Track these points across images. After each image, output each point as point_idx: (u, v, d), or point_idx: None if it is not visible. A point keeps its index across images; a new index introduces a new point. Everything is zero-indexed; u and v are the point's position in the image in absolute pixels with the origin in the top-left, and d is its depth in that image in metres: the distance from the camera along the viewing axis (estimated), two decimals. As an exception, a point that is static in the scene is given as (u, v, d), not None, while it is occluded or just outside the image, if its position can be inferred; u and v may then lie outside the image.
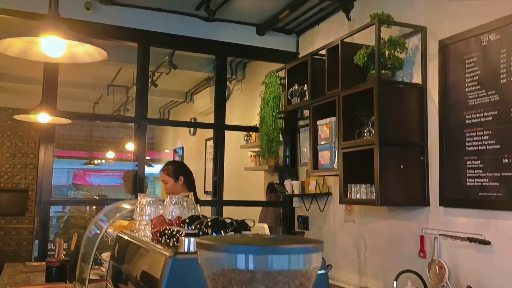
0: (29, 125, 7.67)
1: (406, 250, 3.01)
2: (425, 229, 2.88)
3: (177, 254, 1.29)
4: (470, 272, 2.58)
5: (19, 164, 7.61)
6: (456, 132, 2.71)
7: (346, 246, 3.60)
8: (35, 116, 2.70)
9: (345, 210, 3.64)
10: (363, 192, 2.99)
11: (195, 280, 1.30)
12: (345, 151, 3.10)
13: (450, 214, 2.74)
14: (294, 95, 3.79)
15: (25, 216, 7.47)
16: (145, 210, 1.80)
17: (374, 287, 3.28)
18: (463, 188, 2.65)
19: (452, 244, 2.69)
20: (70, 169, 8.67)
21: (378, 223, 3.30)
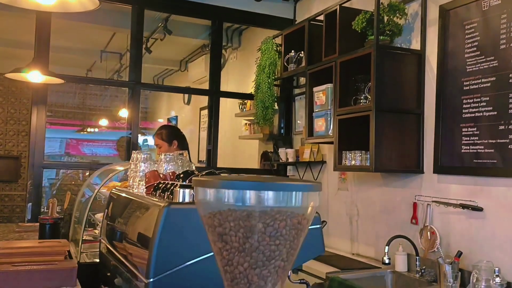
0: (21, 92, 7.57)
1: (399, 217, 3.04)
2: (418, 196, 2.89)
3: (171, 204, 1.27)
4: (461, 238, 2.60)
5: (11, 131, 7.53)
6: (453, 99, 2.69)
7: (339, 214, 3.63)
8: (27, 74, 2.64)
9: (338, 178, 3.65)
10: (358, 159, 2.99)
11: (190, 230, 1.29)
12: (341, 117, 3.08)
13: (444, 181, 2.75)
14: (290, 62, 3.74)
15: (18, 183, 7.44)
16: (140, 166, 1.77)
17: (366, 254, 3.32)
18: (458, 155, 2.65)
19: (445, 210, 2.71)
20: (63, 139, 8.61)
21: (371, 191, 3.31)
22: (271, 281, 0.80)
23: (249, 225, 0.77)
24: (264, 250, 0.78)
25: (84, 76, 5.68)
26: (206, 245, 1.30)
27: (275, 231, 0.77)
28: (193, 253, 1.28)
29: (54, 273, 1.59)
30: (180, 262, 1.27)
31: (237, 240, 0.78)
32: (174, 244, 1.27)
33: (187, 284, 1.28)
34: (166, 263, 1.25)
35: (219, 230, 0.79)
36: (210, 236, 0.81)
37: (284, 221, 0.78)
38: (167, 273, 1.25)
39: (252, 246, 0.77)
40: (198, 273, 1.28)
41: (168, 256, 1.26)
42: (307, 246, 1.45)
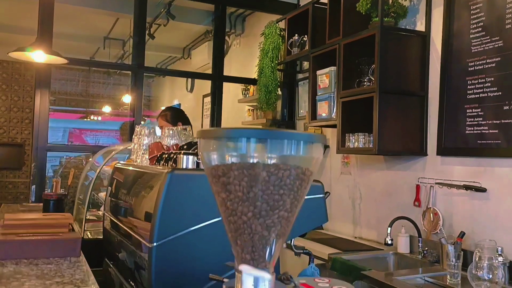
0: (24, 79, 7.58)
1: (401, 200, 3.04)
2: (421, 179, 2.89)
3: (175, 170, 1.28)
4: (464, 219, 2.60)
5: (15, 118, 7.55)
6: (457, 80, 2.68)
7: (341, 197, 3.63)
8: (30, 54, 2.64)
9: (341, 162, 3.65)
10: (361, 141, 2.98)
11: (193, 196, 1.30)
12: (344, 100, 3.07)
13: (447, 163, 2.74)
14: (294, 46, 3.73)
15: (21, 170, 7.48)
16: (143, 140, 1.78)
17: (368, 237, 3.32)
18: (461, 137, 2.64)
19: (448, 192, 2.71)
20: (66, 128, 8.63)
21: (374, 174, 3.31)
22: (275, 231, 0.80)
23: (253, 173, 0.77)
24: (267, 200, 0.78)
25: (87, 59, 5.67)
26: (209, 212, 1.31)
27: (278, 180, 0.77)
28: (196, 219, 1.29)
29: (59, 243, 1.60)
30: (183, 227, 1.27)
31: (241, 190, 0.78)
32: (178, 209, 1.27)
33: (190, 250, 1.28)
34: (170, 228, 1.26)
35: (223, 180, 0.79)
36: (214, 187, 0.82)
37: (288, 170, 0.78)
38: (171, 238, 1.25)
39: (256, 195, 0.77)
40: (200, 239, 1.29)
41: (172, 221, 1.26)
42: (311, 215, 1.46)
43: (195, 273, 1.22)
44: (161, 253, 1.25)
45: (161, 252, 1.25)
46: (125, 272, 1.71)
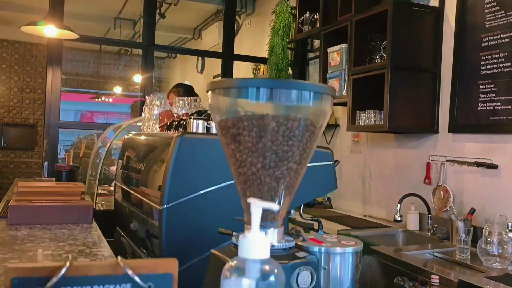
0: (36, 60, 7.63)
1: (411, 178, 3.03)
2: (432, 156, 2.87)
3: (185, 134, 1.28)
4: (474, 196, 2.59)
5: (27, 99, 7.62)
6: (471, 56, 2.64)
7: (351, 176, 3.63)
8: (42, 28, 2.65)
9: (352, 141, 3.64)
10: (372, 118, 2.97)
11: (203, 160, 1.30)
12: (355, 77, 3.05)
13: (459, 140, 2.72)
14: (305, 24, 3.70)
15: (34, 150, 7.57)
16: (154, 109, 1.79)
17: (378, 215, 3.32)
18: (474, 113, 2.61)
19: (459, 169, 2.69)
20: (78, 111, 8.70)
21: (384, 153, 3.30)
22: (284, 183, 0.81)
23: (262, 124, 0.77)
24: (277, 150, 0.78)
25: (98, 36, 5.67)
26: (218, 176, 1.32)
27: (288, 131, 0.78)
28: (206, 182, 1.30)
29: (71, 209, 1.63)
30: (193, 190, 1.28)
31: (250, 140, 0.78)
32: (187, 173, 1.28)
33: (199, 213, 1.30)
34: (180, 191, 1.27)
35: (233, 131, 0.79)
36: (224, 139, 0.82)
37: (297, 121, 0.78)
38: (181, 201, 1.27)
39: (265, 146, 0.78)
40: (210, 203, 1.30)
41: (182, 184, 1.27)
42: (320, 182, 1.46)
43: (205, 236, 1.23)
44: (171, 216, 1.27)
45: (171, 214, 1.26)
46: (137, 241, 1.73)
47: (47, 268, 0.40)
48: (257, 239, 0.52)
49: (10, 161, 7.50)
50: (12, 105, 7.57)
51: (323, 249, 0.84)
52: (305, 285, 0.80)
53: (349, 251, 0.86)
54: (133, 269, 0.42)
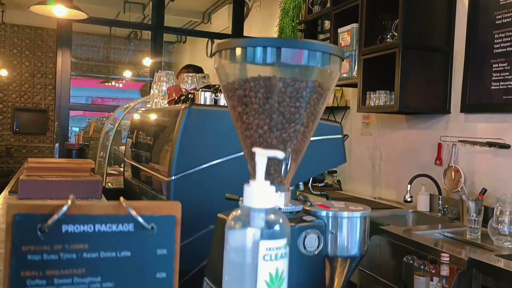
0: (47, 45, 7.65)
1: (422, 159, 3.00)
2: (443, 137, 2.84)
3: (193, 105, 1.28)
4: (486, 176, 2.56)
5: (38, 84, 7.67)
6: (484, 34, 2.59)
7: (361, 159, 3.60)
8: (51, 8, 2.64)
9: (362, 123, 3.61)
10: (382, 99, 2.93)
11: (210, 132, 1.30)
12: (366, 57, 3.01)
13: (471, 120, 2.68)
14: (315, 4, 3.65)
15: (46, 135, 7.64)
16: (162, 86, 1.78)
17: (388, 197, 3.31)
18: (486, 93, 2.57)
19: (471, 150, 2.66)
20: (88, 97, 8.75)
21: (395, 134, 3.27)
22: (291, 145, 0.80)
23: (269, 84, 0.76)
24: (284, 112, 0.77)
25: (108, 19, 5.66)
26: (226, 148, 1.32)
27: (295, 92, 0.76)
28: (214, 154, 1.29)
29: (81, 184, 1.64)
30: (201, 162, 1.28)
31: (257, 102, 0.77)
32: (195, 144, 1.28)
33: (207, 185, 1.30)
34: (187, 163, 1.27)
35: (239, 92, 0.78)
36: (230, 102, 0.81)
37: (305, 82, 0.77)
38: (188, 172, 1.26)
39: (272, 107, 0.77)
40: (217, 175, 1.30)
41: (189, 156, 1.27)
42: (329, 155, 1.45)
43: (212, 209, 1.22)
44: (179, 188, 1.27)
45: (179, 186, 1.26)
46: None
47: (49, 206, 0.40)
48: (262, 188, 0.51)
49: (22, 145, 7.58)
50: (24, 90, 7.63)
51: (330, 213, 0.83)
52: (312, 248, 0.79)
53: (357, 216, 0.85)
54: (136, 210, 0.42)
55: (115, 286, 0.41)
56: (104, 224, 0.41)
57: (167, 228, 0.43)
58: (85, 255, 0.40)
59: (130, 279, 0.41)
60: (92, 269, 0.40)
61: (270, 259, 0.49)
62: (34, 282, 0.39)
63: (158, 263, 0.42)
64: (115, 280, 0.41)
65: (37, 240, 0.39)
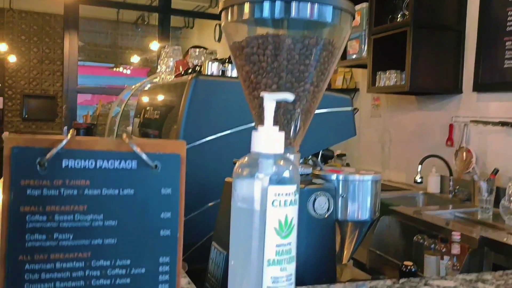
0: (55, 32, 7.65)
1: (433, 141, 2.96)
2: (455, 117, 2.80)
3: (200, 76, 1.26)
4: (498, 157, 2.52)
5: (47, 70, 7.69)
6: (497, 12, 2.53)
7: (370, 141, 3.57)
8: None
9: (371, 105, 3.57)
10: (393, 79, 2.89)
11: (218, 103, 1.28)
12: (376, 37, 2.96)
13: (483, 99, 2.64)
14: (324, -16, 3.59)
15: (54, 122, 7.68)
16: (169, 61, 1.76)
17: (397, 179, 3.27)
18: (499, 71, 2.52)
19: (483, 130, 2.61)
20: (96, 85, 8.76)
21: (405, 116, 3.23)
22: (300, 106, 0.78)
23: (278, 41, 0.73)
24: (293, 70, 0.75)
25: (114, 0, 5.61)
26: (234, 120, 1.30)
27: (304, 49, 0.74)
28: (221, 126, 1.27)
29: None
30: (208, 134, 1.26)
31: (265, 60, 0.75)
32: (202, 115, 1.26)
33: (214, 157, 1.28)
34: (194, 134, 1.25)
35: (247, 50, 0.76)
36: (238, 61, 0.79)
37: (314, 38, 0.74)
38: (195, 144, 1.25)
39: (281, 65, 0.74)
40: (224, 147, 1.28)
41: (196, 128, 1.25)
42: (339, 128, 1.42)
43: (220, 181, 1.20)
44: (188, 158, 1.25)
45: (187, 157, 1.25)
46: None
47: (49, 140, 0.38)
48: (270, 133, 0.49)
49: (31, 132, 7.63)
50: (32, 76, 7.65)
51: (341, 177, 0.81)
52: (322, 211, 0.77)
53: (368, 179, 0.83)
54: (139, 147, 0.40)
55: (117, 224, 0.40)
56: (106, 160, 0.39)
57: (172, 167, 0.41)
58: (87, 192, 0.39)
59: (133, 218, 0.40)
60: (94, 206, 0.39)
61: (279, 205, 0.47)
62: (34, 218, 0.37)
63: (162, 202, 0.41)
64: (118, 219, 0.39)
65: (36, 174, 0.37)
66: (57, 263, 0.38)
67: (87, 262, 0.39)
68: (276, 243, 0.47)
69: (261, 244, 0.47)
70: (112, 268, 0.39)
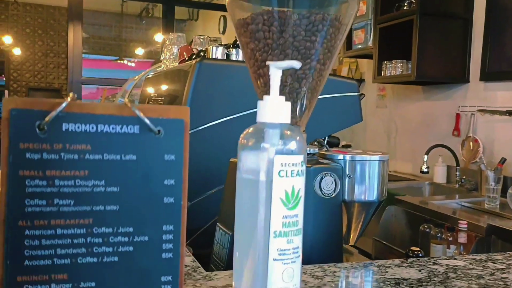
0: (59, 25, 7.65)
1: (439, 131, 2.93)
2: (461, 107, 2.77)
3: (204, 60, 1.24)
4: (505, 146, 2.49)
5: (51, 63, 7.69)
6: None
7: (376, 132, 3.55)
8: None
9: (377, 96, 3.54)
10: (399, 68, 2.86)
11: (223, 87, 1.26)
12: (382, 25, 2.93)
13: (491, 89, 2.61)
14: (329, -27, 3.55)
15: (60, 115, 7.69)
16: (173, 48, 1.74)
17: (403, 170, 3.25)
18: (507, 60, 2.49)
19: (490, 119, 2.59)
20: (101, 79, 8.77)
21: (411, 106, 3.20)
22: (306, 84, 0.76)
23: (283, 16, 0.72)
24: (299, 47, 0.73)
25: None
26: (238, 104, 1.28)
27: (310, 25, 0.72)
28: (226, 111, 1.26)
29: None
30: (212, 119, 1.25)
31: (271, 36, 0.73)
32: (207, 100, 1.24)
33: (218, 142, 1.27)
34: (199, 119, 1.24)
35: (252, 27, 0.74)
36: (242, 39, 0.77)
37: (321, 14, 0.72)
38: (200, 129, 1.24)
39: (287, 42, 0.73)
40: (228, 132, 1.27)
41: (200, 112, 1.24)
42: (345, 113, 1.41)
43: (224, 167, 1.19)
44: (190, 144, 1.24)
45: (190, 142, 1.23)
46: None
47: (49, 102, 0.37)
48: (276, 102, 0.48)
49: (37, 125, 7.63)
50: (37, 69, 7.66)
51: (347, 157, 0.80)
52: (329, 190, 0.76)
53: (375, 159, 0.81)
54: (141, 112, 0.39)
55: (120, 191, 0.38)
56: (107, 125, 0.38)
57: (175, 133, 0.40)
58: (88, 157, 0.37)
59: (136, 185, 0.39)
60: (96, 172, 0.38)
61: (286, 175, 0.46)
62: (34, 182, 0.36)
63: (165, 169, 0.39)
64: (120, 185, 0.38)
65: (36, 137, 0.36)
66: (57, 230, 0.37)
67: (89, 229, 0.38)
68: (282, 214, 0.46)
69: (267, 215, 0.46)
70: (115, 235, 0.38)
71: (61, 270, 0.37)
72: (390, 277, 0.61)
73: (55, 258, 0.37)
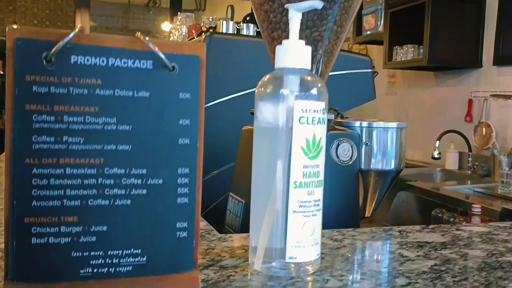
0: (66, 15, 7.63)
1: (451, 117, 2.88)
2: (474, 92, 2.72)
3: (214, 34, 1.22)
4: (519, 131, 2.45)
5: (59, 55, 7.69)
6: (521, -20, 2.44)
7: (386, 119, 3.48)
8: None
9: (387, 83, 3.49)
10: (410, 53, 2.81)
11: (233, 62, 1.24)
12: (393, 10, 2.88)
13: (504, 73, 2.56)
14: (339, -41, 3.50)
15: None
16: (182, 29, 1.72)
17: (414, 158, 3.21)
18: (522, 43, 2.44)
19: (503, 104, 2.54)
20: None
21: (422, 92, 3.15)
22: (322, 47, 0.73)
23: (299, -26, 0.69)
24: (315, 7, 0.70)
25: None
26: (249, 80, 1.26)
27: (328, -16, 0.69)
28: (237, 86, 1.24)
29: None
30: (222, 95, 1.23)
31: (286, -5, 0.70)
32: (217, 76, 1.22)
33: (229, 118, 1.24)
34: (208, 95, 1.21)
35: (266, -13, 0.72)
36: (256, 1, 0.75)
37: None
38: (210, 105, 1.21)
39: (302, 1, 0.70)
40: (239, 108, 1.24)
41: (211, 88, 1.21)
42: (358, 91, 1.38)
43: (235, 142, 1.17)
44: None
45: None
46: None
47: (56, 33, 0.34)
48: (296, 46, 0.45)
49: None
50: (45, 61, 7.66)
51: (364, 124, 0.77)
52: (346, 157, 0.73)
53: (393, 126, 0.78)
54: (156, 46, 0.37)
55: (132, 129, 0.36)
56: (118, 59, 0.35)
57: (191, 70, 0.38)
58: (98, 92, 0.35)
59: (149, 124, 0.36)
60: (106, 109, 0.35)
61: (307, 122, 0.43)
62: (41, 118, 0.34)
63: (180, 108, 0.37)
64: (132, 124, 0.36)
65: (43, 70, 0.34)
66: (67, 169, 0.35)
67: (100, 169, 0.35)
68: (303, 164, 0.44)
69: (287, 165, 0.43)
70: (127, 177, 0.36)
71: (71, 212, 0.35)
72: (413, 241, 0.58)
73: (65, 199, 0.35)
